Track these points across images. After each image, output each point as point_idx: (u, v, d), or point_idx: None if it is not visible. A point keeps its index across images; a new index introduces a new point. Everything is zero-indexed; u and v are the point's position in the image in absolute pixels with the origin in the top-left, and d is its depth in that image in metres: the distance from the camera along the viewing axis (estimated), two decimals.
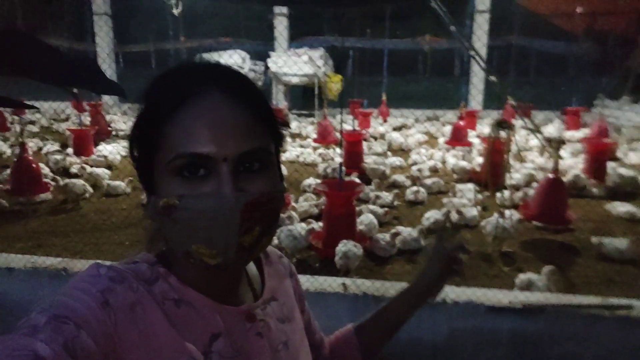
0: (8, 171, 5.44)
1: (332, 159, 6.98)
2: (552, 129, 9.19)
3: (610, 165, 6.18)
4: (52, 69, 0.72)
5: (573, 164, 6.56)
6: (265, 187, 0.64)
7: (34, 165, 5.02)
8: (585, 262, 3.73)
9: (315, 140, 8.31)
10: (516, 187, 5.44)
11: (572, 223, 4.38)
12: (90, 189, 5.24)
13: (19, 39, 0.69)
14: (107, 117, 10.32)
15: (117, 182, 5.45)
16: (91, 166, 6.18)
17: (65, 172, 6.11)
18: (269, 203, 0.65)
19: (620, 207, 4.83)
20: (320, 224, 3.98)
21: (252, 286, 0.79)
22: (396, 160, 6.94)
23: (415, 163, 6.84)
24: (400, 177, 5.85)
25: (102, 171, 5.81)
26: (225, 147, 0.61)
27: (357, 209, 4.28)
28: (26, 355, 0.48)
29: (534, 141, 7.78)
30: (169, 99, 0.63)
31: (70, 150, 7.05)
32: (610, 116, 10.58)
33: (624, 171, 5.84)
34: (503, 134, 4.74)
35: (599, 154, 6.14)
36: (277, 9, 13.79)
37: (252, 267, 0.82)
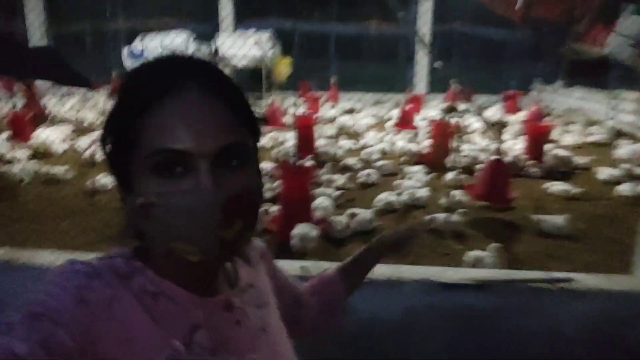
0: None
1: (283, 143, 6.95)
2: (492, 113, 9.57)
3: (547, 146, 6.54)
4: (14, 60, 0.68)
5: (513, 145, 6.89)
6: (245, 182, 0.64)
7: None
8: (527, 239, 3.95)
9: (264, 124, 8.25)
10: (461, 169, 5.65)
11: (513, 202, 4.62)
12: (28, 177, 4.97)
13: None
14: (41, 102, 9.74)
15: (57, 168, 5.19)
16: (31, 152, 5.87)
17: None
18: (249, 197, 0.65)
19: (557, 186, 5.14)
20: (276, 207, 3.99)
21: (228, 276, 0.79)
22: (347, 144, 7.02)
23: (365, 146, 6.95)
24: (352, 160, 5.94)
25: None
26: (204, 143, 0.61)
27: (312, 192, 4.32)
28: (2, 353, 0.48)
29: (477, 124, 8.09)
30: (145, 92, 0.62)
31: (5, 135, 6.63)
32: (545, 100, 11.14)
33: (559, 152, 6.20)
34: (451, 118, 4.91)
35: (538, 136, 6.48)
36: None
37: None
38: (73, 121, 8.22)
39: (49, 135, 6.48)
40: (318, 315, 1.04)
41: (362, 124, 8.72)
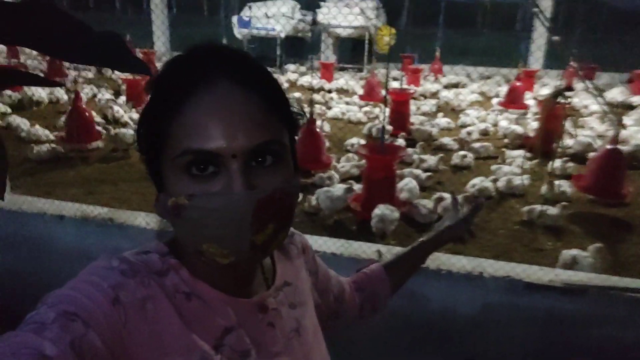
0: (64, 118, 5.66)
1: (377, 118, 6.83)
2: (616, 93, 8.58)
3: None
4: (78, 45, 0.69)
5: (636, 133, 6.14)
6: (279, 182, 0.61)
7: (86, 114, 5.19)
8: (637, 240, 3.54)
9: (361, 97, 8.14)
10: (571, 156, 5.17)
11: (627, 198, 4.14)
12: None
13: (48, 12, 0.66)
14: (158, 66, 10.46)
15: None
16: None
17: (116, 120, 6.30)
18: (283, 199, 0.61)
19: None
20: (361, 185, 3.95)
21: (264, 274, 0.77)
22: (445, 122, 6.71)
23: (464, 125, 6.60)
24: (447, 140, 5.68)
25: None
26: (235, 142, 0.58)
27: (400, 172, 4.21)
28: (32, 354, 0.48)
29: (595, 106, 7.32)
30: (175, 89, 0.60)
31: (123, 98, 7.25)
32: None
33: None
34: (563, 99, 4.48)
35: None
36: None
37: None
38: None
39: None
40: (360, 312, 1.03)
41: (464, 101, 8.26)
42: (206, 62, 0.61)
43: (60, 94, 7.52)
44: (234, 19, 12.68)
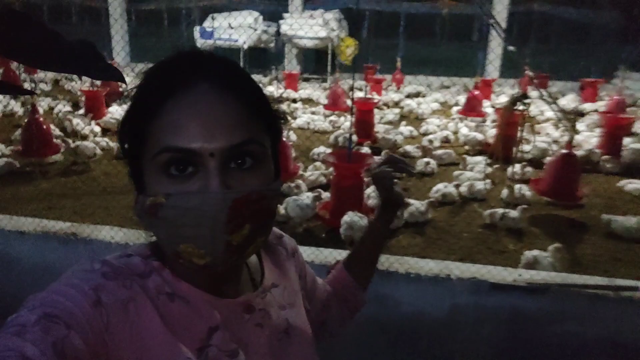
0: (19, 131, 5.47)
1: (342, 127, 6.91)
2: (568, 101, 8.97)
3: (626, 140, 6.05)
4: (52, 53, 0.70)
5: (588, 138, 6.43)
6: (256, 184, 0.62)
7: (44, 127, 5.03)
8: (593, 240, 3.70)
9: (326, 107, 8.21)
10: (528, 161, 5.36)
11: (582, 199, 4.33)
12: (100, 151, 5.26)
13: (18, 20, 0.66)
14: None
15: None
16: (102, 128, 6.23)
17: (75, 133, 6.14)
18: (260, 201, 0.62)
19: (633, 184, 4.76)
20: (329, 194, 3.98)
21: (252, 275, 0.77)
22: (408, 130, 6.85)
23: (427, 133, 6.75)
24: (411, 148, 5.80)
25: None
26: (213, 141, 0.58)
27: (367, 179, 4.26)
28: (13, 356, 0.48)
29: (550, 113, 7.63)
30: (155, 92, 0.61)
31: (81, 111, 7.06)
32: (630, 89, 10.27)
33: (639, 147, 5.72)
34: (520, 106, 4.64)
35: (616, 128, 6.01)
36: None
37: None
38: None
39: (119, 112, 6.82)
40: (339, 316, 1.02)
41: (425, 110, 8.47)
42: (186, 65, 0.62)
43: (16, 106, 7.27)
44: (197, 29, 12.60)
